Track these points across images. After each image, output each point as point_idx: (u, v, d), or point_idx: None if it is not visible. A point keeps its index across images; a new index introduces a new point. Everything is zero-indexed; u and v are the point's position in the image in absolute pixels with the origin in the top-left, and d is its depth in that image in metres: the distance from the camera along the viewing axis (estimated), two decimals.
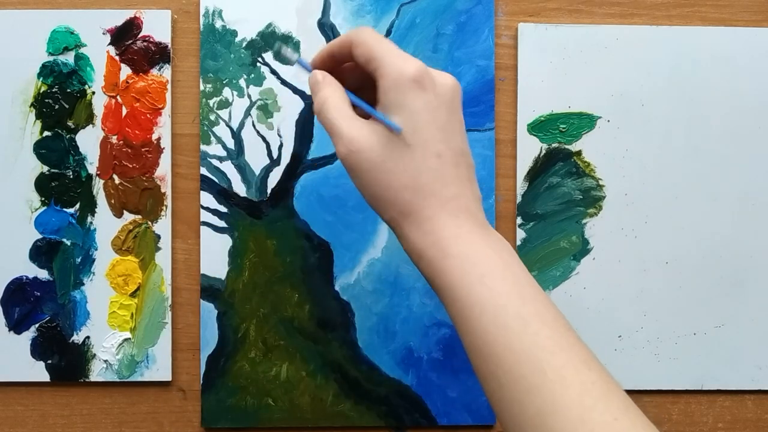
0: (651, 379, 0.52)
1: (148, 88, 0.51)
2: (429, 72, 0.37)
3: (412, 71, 0.37)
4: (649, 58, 0.52)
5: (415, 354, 0.51)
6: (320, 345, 0.51)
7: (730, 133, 0.52)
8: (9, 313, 0.51)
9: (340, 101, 0.39)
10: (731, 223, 0.52)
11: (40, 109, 0.51)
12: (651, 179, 0.52)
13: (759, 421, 0.53)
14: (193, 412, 0.51)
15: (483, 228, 0.38)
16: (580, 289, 0.52)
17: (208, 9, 0.51)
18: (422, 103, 0.37)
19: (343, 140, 0.38)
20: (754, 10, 0.53)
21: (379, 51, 0.38)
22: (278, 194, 0.51)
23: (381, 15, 0.51)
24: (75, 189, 0.51)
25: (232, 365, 0.51)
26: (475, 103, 0.52)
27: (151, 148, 0.51)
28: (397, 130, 0.36)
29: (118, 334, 0.51)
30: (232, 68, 0.51)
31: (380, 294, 0.51)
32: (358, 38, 0.39)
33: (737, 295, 0.52)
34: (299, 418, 0.51)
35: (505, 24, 0.52)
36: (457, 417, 0.51)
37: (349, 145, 0.37)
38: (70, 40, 0.51)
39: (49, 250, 0.51)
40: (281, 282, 0.51)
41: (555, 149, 0.52)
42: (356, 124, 0.38)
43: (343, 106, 0.39)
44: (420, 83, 0.37)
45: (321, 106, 0.39)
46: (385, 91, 0.37)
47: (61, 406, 0.51)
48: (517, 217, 0.52)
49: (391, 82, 0.37)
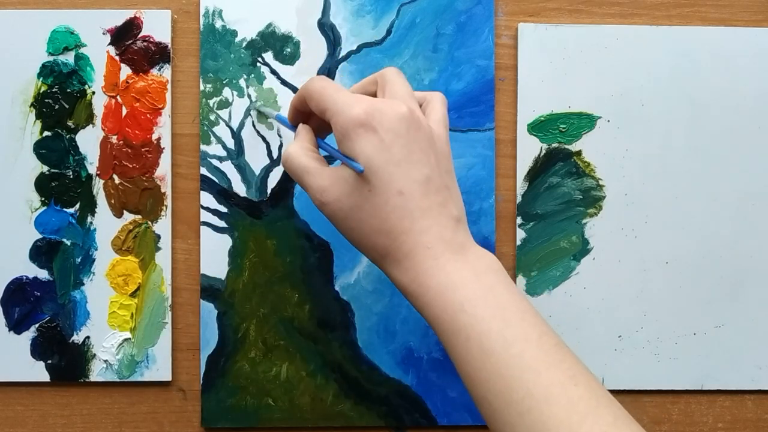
0: (651, 379, 0.52)
1: (148, 88, 0.51)
2: (376, 110, 0.37)
3: (356, 117, 0.37)
4: (649, 58, 0.52)
5: (415, 354, 0.51)
6: (320, 345, 0.51)
7: (730, 133, 0.52)
8: (9, 313, 0.51)
9: (304, 154, 0.40)
10: (731, 223, 0.52)
11: (40, 109, 0.51)
12: (651, 179, 0.52)
13: (759, 421, 0.53)
14: (193, 412, 0.52)
15: (461, 252, 0.37)
16: (580, 289, 0.52)
17: (208, 9, 0.51)
18: (372, 146, 0.36)
19: (313, 192, 0.39)
20: (754, 10, 0.53)
21: (327, 101, 0.38)
22: (278, 194, 0.51)
23: (381, 15, 0.51)
24: (75, 189, 0.51)
25: (232, 365, 0.51)
26: (475, 103, 0.52)
27: (151, 148, 0.51)
28: (359, 170, 0.37)
29: (118, 334, 0.51)
30: (232, 68, 0.51)
31: (380, 294, 0.51)
32: (308, 92, 0.40)
33: (737, 295, 0.52)
34: (299, 418, 0.51)
35: (505, 24, 0.52)
36: (457, 417, 0.51)
37: (320, 197, 0.38)
38: (70, 40, 0.51)
39: (49, 250, 0.51)
40: (281, 282, 0.51)
41: (555, 149, 0.52)
42: (323, 174, 0.38)
43: (306, 157, 0.39)
44: (367, 125, 0.36)
45: (285, 161, 0.40)
46: (338, 140, 0.38)
47: (61, 406, 0.51)
48: (517, 217, 0.52)
49: (341, 130, 0.37)
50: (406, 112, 0.37)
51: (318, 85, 0.39)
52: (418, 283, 0.37)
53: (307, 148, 0.40)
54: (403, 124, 0.37)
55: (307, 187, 0.39)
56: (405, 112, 0.37)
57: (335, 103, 0.38)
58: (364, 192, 0.37)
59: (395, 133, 0.37)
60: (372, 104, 0.37)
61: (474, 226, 0.51)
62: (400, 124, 0.37)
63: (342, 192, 0.38)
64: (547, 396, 0.33)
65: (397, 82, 0.40)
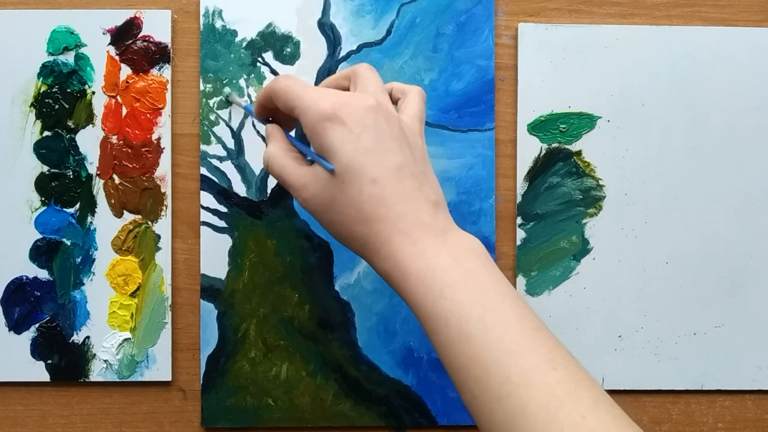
0: (651, 379, 0.52)
1: (148, 88, 0.51)
2: (343, 103, 0.37)
3: (323, 111, 0.37)
4: (649, 58, 0.52)
5: (415, 354, 0.51)
6: (320, 345, 0.51)
7: (730, 133, 0.52)
8: (9, 313, 0.51)
9: (282, 154, 0.41)
10: (731, 223, 0.52)
11: (40, 109, 0.51)
12: (651, 179, 0.52)
13: (759, 421, 0.53)
14: (193, 412, 0.52)
15: (440, 236, 0.37)
16: (580, 289, 0.52)
17: (208, 9, 0.51)
18: (340, 137, 0.37)
19: (294, 191, 0.39)
20: (754, 10, 0.53)
21: (294, 99, 0.38)
22: (278, 194, 0.51)
23: (381, 15, 0.51)
24: (75, 189, 0.51)
25: (232, 365, 0.51)
26: (475, 103, 0.52)
27: (151, 148, 0.51)
28: (330, 169, 0.37)
29: (118, 334, 0.51)
30: (232, 68, 0.51)
31: (380, 294, 0.51)
32: (274, 91, 0.40)
33: (737, 295, 0.52)
34: (299, 418, 0.51)
35: (505, 24, 0.52)
36: (457, 417, 0.51)
37: (301, 194, 0.39)
38: (70, 40, 0.51)
39: (49, 250, 0.51)
40: (281, 282, 0.51)
41: (555, 149, 0.52)
42: (301, 172, 0.39)
43: (285, 158, 0.40)
44: (334, 119, 0.37)
45: (266, 163, 0.41)
46: (308, 136, 0.38)
47: (61, 406, 0.51)
48: (517, 217, 0.52)
49: (310, 126, 0.38)
50: (374, 104, 0.38)
51: (283, 84, 0.39)
52: (399, 270, 0.37)
53: (284, 147, 0.41)
54: (371, 115, 0.37)
55: (288, 186, 0.40)
56: (373, 104, 0.38)
57: (302, 100, 0.38)
58: (338, 184, 0.37)
59: (363, 124, 0.37)
60: (339, 98, 0.38)
61: (474, 226, 0.51)
62: (367, 115, 0.37)
63: (319, 187, 0.38)
64: (525, 380, 0.33)
65: (368, 77, 0.40)
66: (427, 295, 0.36)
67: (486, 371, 0.34)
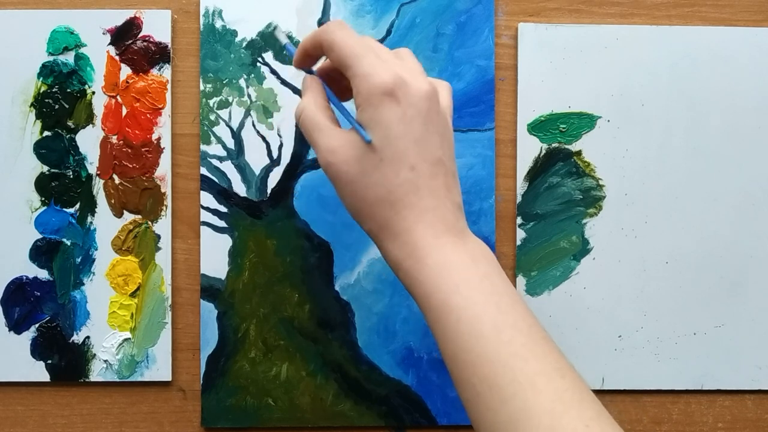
0: (651, 379, 0.52)
1: (148, 88, 0.51)
2: (403, 81, 0.36)
3: (383, 84, 0.36)
4: (649, 58, 0.52)
5: (415, 354, 0.51)
6: (320, 345, 0.51)
7: (730, 133, 0.52)
8: (9, 313, 0.51)
9: (318, 111, 0.39)
10: (731, 223, 0.52)
11: (40, 109, 0.51)
12: (651, 179, 0.52)
13: (759, 421, 0.53)
14: (193, 412, 0.52)
15: (461, 237, 0.37)
16: (580, 289, 0.52)
17: (208, 9, 0.51)
18: (394, 117, 0.36)
19: (320, 151, 0.38)
20: (754, 10, 0.53)
21: (351, 59, 0.37)
22: (278, 194, 0.51)
23: (381, 15, 0.51)
24: (75, 189, 0.51)
25: (232, 365, 0.51)
26: (475, 103, 0.52)
27: (151, 148, 0.51)
28: (367, 140, 0.36)
29: (118, 334, 0.51)
30: (232, 68, 0.51)
31: (380, 294, 0.51)
32: (330, 42, 0.38)
33: (737, 295, 0.52)
34: (299, 418, 0.51)
35: (505, 24, 0.52)
36: (457, 417, 0.51)
37: (327, 157, 0.38)
38: (70, 40, 0.51)
39: (49, 250, 0.51)
40: (281, 282, 0.51)
41: (555, 149, 0.52)
42: (334, 133, 0.38)
43: (321, 116, 0.39)
44: (392, 96, 0.36)
45: (298, 115, 0.39)
46: (359, 104, 0.37)
47: (61, 406, 0.51)
48: (517, 217, 0.52)
49: (364, 95, 0.36)
50: (430, 91, 0.37)
51: (340, 36, 0.37)
52: (415, 259, 0.37)
53: (320, 104, 0.39)
54: (425, 103, 0.37)
55: (315, 145, 0.38)
56: (429, 90, 0.37)
57: (361, 65, 0.36)
58: (374, 160, 0.36)
59: (417, 110, 0.36)
60: (399, 74, 0.36)
61: (474, 226, 0.51)
62: (422, 102, 0.37)
63: (351, 156, 0.37)
64: (533, 384, 0.33)
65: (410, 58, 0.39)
66: (440, 287, 0.36)
67: (493, 370, 0.34)
